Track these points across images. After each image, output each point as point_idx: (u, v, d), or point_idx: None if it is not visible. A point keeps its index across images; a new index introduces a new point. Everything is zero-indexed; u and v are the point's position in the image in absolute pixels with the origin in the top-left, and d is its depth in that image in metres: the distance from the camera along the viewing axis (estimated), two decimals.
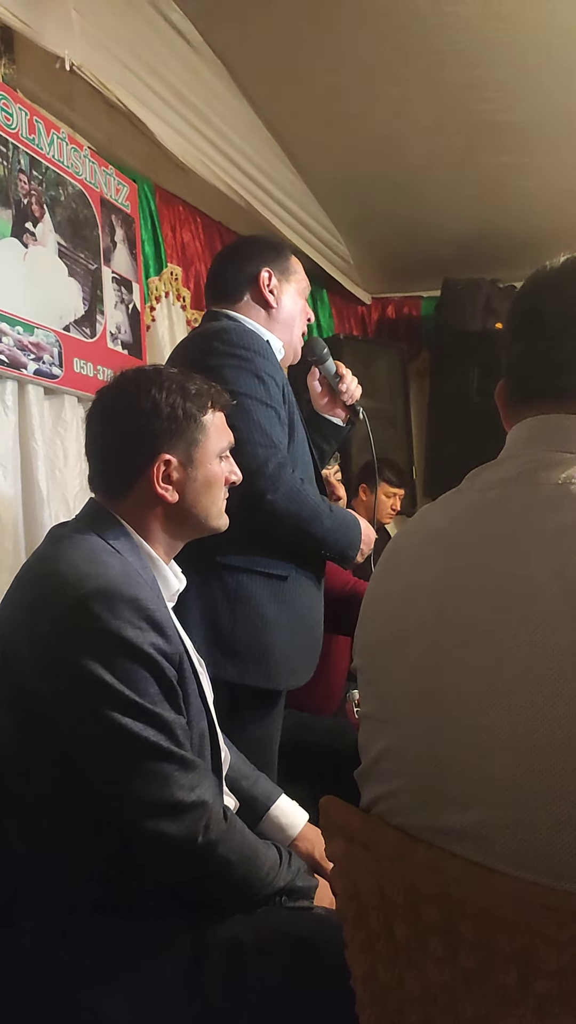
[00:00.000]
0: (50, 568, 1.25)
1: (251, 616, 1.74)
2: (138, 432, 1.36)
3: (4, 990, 1.18)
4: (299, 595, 1.83)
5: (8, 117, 2.53)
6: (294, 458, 1.83)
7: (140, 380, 1.40)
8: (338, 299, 4.91)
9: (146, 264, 3.32)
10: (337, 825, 0.93)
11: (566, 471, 0.86)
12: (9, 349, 2.45)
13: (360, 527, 1.91)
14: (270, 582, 1.78)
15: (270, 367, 1.79)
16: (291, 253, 2.06)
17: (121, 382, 1.43)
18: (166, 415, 1.36)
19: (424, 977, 0.83)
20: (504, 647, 0.80)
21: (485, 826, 0.79)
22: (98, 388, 1.45)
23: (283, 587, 1.79)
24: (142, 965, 1.16)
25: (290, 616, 1.80)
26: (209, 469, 1.42)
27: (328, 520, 1.80)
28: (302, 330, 2.05)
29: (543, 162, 3.79)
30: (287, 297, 1.98)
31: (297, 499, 1.73)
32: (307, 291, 2.06)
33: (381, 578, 1.02)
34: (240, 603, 1.74)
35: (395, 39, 3.05)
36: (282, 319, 1.98)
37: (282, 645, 1.77)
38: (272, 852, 1.29)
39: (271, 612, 1.76)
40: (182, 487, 1.38)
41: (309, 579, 1.86)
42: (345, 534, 1.86)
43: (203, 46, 3.18)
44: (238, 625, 1.72)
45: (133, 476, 1.36)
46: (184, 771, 1.17)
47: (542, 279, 0.98)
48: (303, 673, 1.86)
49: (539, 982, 0.74)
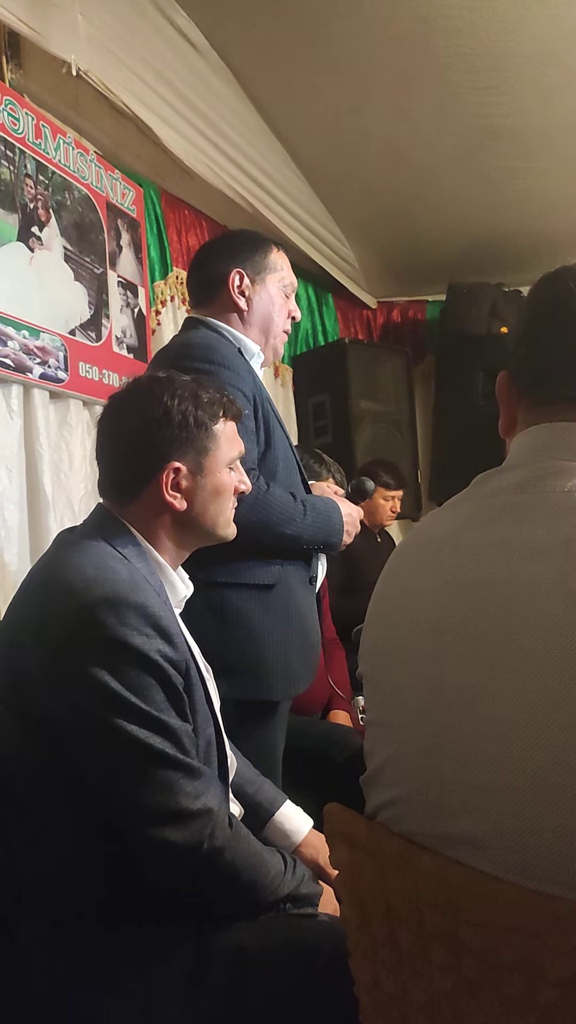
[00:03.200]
0: (57, 574, 1.25)
1: (240, 630, 1.70)
2: (148, 439, 1.36)
3: (8, 995, 1.18)
4: (289, 602, 1.79)
5: (15, 122, 2.54)
6: (272, 465, 1.79)
7: (153, 387, 1.40)
8: (343, 303, 4.92)
9: (152, 268, 3.32)
10: (341, 832, 0.92)
11: (572, 480, 0.86)
12: (15, 353, 2.46)
13: (340, 509, 1.87)
14: (256, 593, 1.74)
15: (235, 378, 1.74)
16: (273, 246, 1.98)
17: (134, 388, 1.43)
18: (177, 423, 1.36)
19: (428, 985, 0.83)
20: (508, 656, 0.80)
21: (490, 834, 0.79)
22: (103, 392, 1.45)
23: (270, 596, 1.75)
24: (146, 971, 1.16)
25: (281, 624, 1.76)
26: (218, 478, 1.42)
27: (301, 516, 1.76)
28: (284, 328, 1.98)
29: (549, 166, 3.80)
30: (261, 297, 1.92)
31: (263, 506, 1.68)
32: (291, 287, 1.98)
33: (386, 584, 1.01)
34: (227, 618, 1.70)
35: (400, 44, 3.06)
36: (255, 321, 1.92)
37: (275, 655, 1.73)
38: (277, 859, 1.29)
39: (260, 623, 1.73)
40: (191, 495, 1.38)
41: (298, 583, 1.82)
42: (325, 524, 1.82)
43: (209, 51, 3.19)
44: (227, 640, 1.68)
45: (142, 482, 1.36)
46: (190, 778, 1.17)
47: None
48: (302, 679, 1.82)
49: (544, 991, 0.74)
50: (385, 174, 3.92)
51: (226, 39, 3.16)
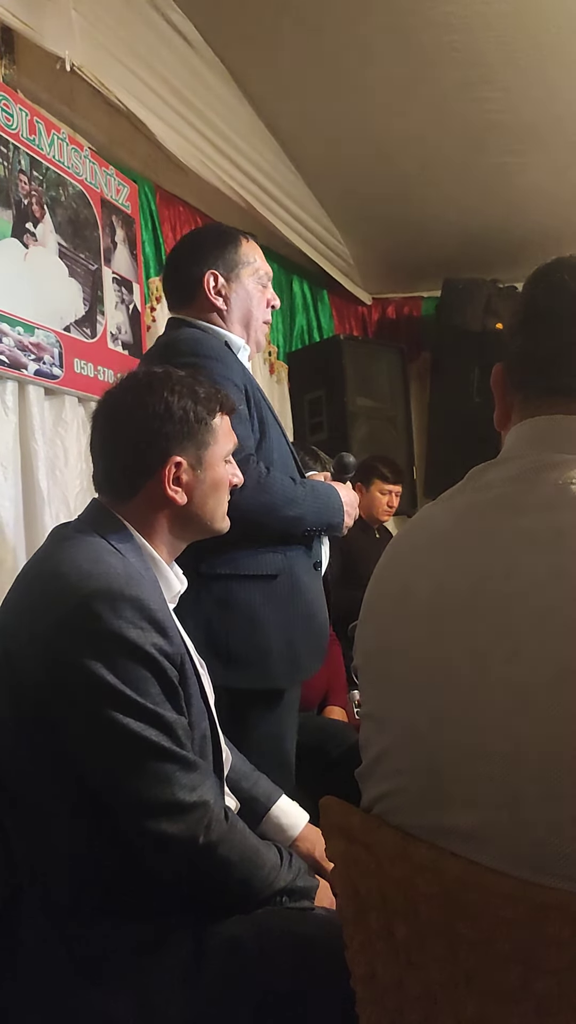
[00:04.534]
0: (52, 568, 1.25)
1: (244, 621, 1.72)
2: (150, 434, 1.36)
3: (5, 990, 1.18)
4: (294, 590, 1.80)
5: (8, 117, 2.53)
6: (268, 455, 1.81)
7: (152, 382, 1.40)
8: (338, 299, 4.91)
9: (147, 264, 3.32)
10: (337, 825, 0.93)
11: (566, 472, 0.86)
12: (9, 350, 2.45)
13: (338, 492, 1.89)
14: (259, 583, 1.76)
15: (226, 370, 1.75)
16: (242, 238, 1.98)
17: (131, 383, 1.42)
18: (178, 418, 1.37)
19: (424, 977, 0.83)
20: (503, 648, 0.80)
21: (485, 826, 0.79)
22: (98, 389, 1.45)
23: (274, 586, 1.77)
24: (143, 965, 1.16)
25: (285, 613, 1.78)
26: (217, 472, 1.43)
27: (303, 497, 1.78)
28: (264, 319, 1.99)
29: (543, 161, 3.80)
30: (238, 294, 1.92)
31: (266, 488, 1.70)
32: (267, 276, 1.98)
33: (381, 577, 1.02)
34: (231, 610, 1.72)
35: (394, 39, 3.06)
36: (236, 318, 1.93)
37: (280, 644, 1.76)
38: (273, 853, 1.29)
39: (264, 613, 1.75)
40: (191, 489, 1.39)
41: (302, 571, 1.84)
42: (326, 504, 1.84)
43: (203, 46, 3.19)
44: (232, 632, 1.71)
45: (143, 477, 1.36)
46: (185, 771, 1.18)
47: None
48: (309, 666, 1.85)
49: (539, 981, 0.74)
50: (380, 170, 3.91)
51: (220, 35, 3.16)
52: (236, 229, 2.02)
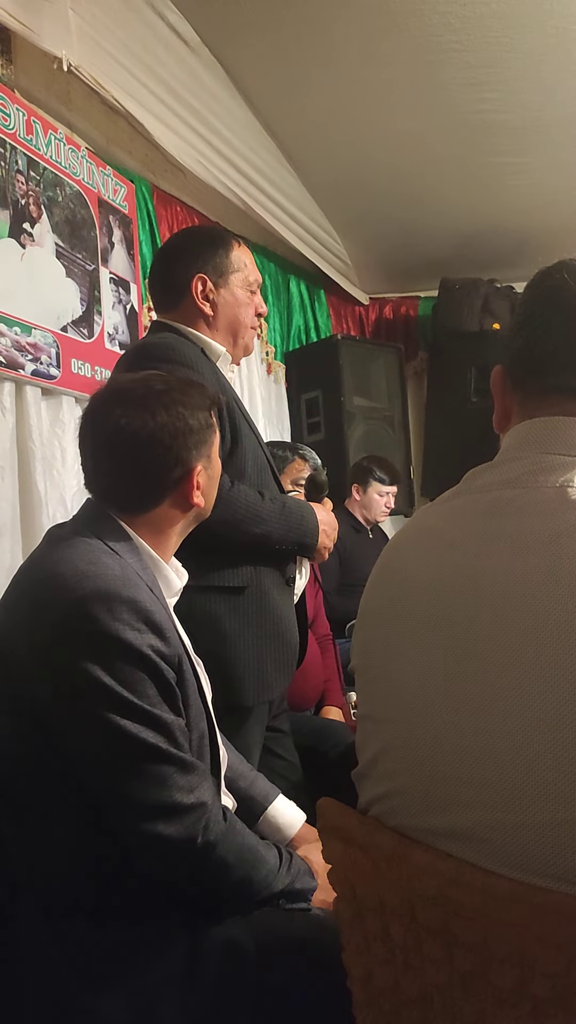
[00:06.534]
0: (49, 570, 1.25)
1: (208, 634, 1.64)
2: (177, 450, 1.35)
3: (2, 991, 1.18)
4: (263, 604, 1.74)
5: (6, 117, 2.53)
6: (240, 464, 1.75)
7: (163, 398, 1.36)
8: (335, 299, 4.92)
9: (144, 265, 3.31)
10: (334, 827, 0.93)
11: (564, 475, 0.86)
12: (6, 350, 2.45)
13: (315, 513, 1.83)
14: (226, 596, 1.70)
15: (195, 376, 1.67)
16: (234, 242, 1.93)
17: (127, 401, 1.37)
18: (196, 428, 1.38)
19: (421, 979, 0.83)
20: (500, 650, 0.80)
21: (482, 828, 0.79)
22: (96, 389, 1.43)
23: (241, 599, 1.71)
24: (140, 966, 1.16)
25: (253, 627, 1.71)
26: (218, 464, 1.49)
27: (269, 513, 1.72)
28: (252, 324, 1.94)
29: (540, 162, 3.80)
30: (225, 300, 1.88)
31: (225, 503, 1.61)
32: (256, 283, 1.94)
33: (379, 578, 1.02)
34: (196, 622, 1.60)
35: (392, 39, 3.06)
36: (222, 325, 1.89)
37: (246, 659, 1.69)
38: (272, 854, 1.29)
39: (229, 627, 1.69)
40: (206, 491, 1.43)
41: (272, 585, 1.78)
42: (298, 524, 1.78)
43: (200, 47, 3.19)
44: (197, 645, 1.59)
45: (169, 490, 1.37)
46: (183, 773, 1.17)
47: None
48: (276, 683, 1.77)
49: (536, 984, 0.74)
50: (377, 170, 3.92)
51: (217, 35, 3.16)
52: (228, 232, 2.00)
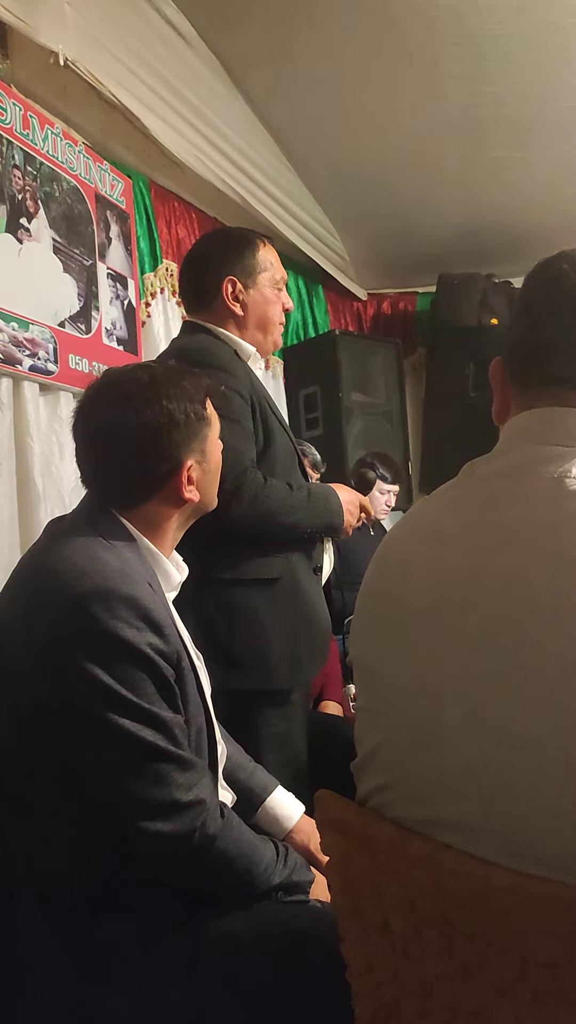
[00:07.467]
0: (48, 565, 1.25)
1: (246, 624, 1.75)
2: (159, 447, 1.35)
3: (3, 988, 1.18)
4: (295, 592, 1.83)
5: (2, 112, 2.53)
6: (272, 461, 1.84)
7: (146, 392, 1.36)
8: (334, 295, 4.91)
9: (141, 260, 3.31)
10: (332, 818, 0.93)
11: (562, 465, 0.86)
12: (4, 345, 2.45)
13: (336, 494, 1.91)
14: (262, 587, 1.78)
15: (232, 380, 1.77)
16: (259, 242, 1.99)
17: (117, 395, 1.37)
18: (182, 422, 1.37)
19: (420, 970, 0.83)
20: (497, 641, 0.80)
21: (480, 818, 0.79)
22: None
23: (275, 589, 1.80)
24: (140, 961, 1.16)
25: (288, 615, 1.80)
26: (217, 455, 1.47)
27: (299, 502, 1.81)
28: (280, 320, 2.02)
29: (538, 156, 3.79)
30: (255, 299, 1.95)
31: (263, 499, 1.73)
32: (282, 280, 2.01)
33: (377, 570, 1.01)
34: (234, 614, 1.75)
35: (390, 34, 3.06)
36: (252, 324, 1.96)
37: (282, 645, 1.78)
38: (269, 848, 1.29)
39: (266, 616, 1.77)
40: (201, 485, 1.42)
41: (304, 573, 1.87)
42: (323, 507, 1.87)
43: (198, 41, 3.18)
44: (235, 635, 1.74)
45: (155, 488, 1.37)
46: (182, 770, 1.17)
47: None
48: (311, 667, 1.88)
49: (535, 974, 0.74)
50: (375, 165, 3.91)
51: (215, 29, 3.15)
52: (254, 232, 2.04)
